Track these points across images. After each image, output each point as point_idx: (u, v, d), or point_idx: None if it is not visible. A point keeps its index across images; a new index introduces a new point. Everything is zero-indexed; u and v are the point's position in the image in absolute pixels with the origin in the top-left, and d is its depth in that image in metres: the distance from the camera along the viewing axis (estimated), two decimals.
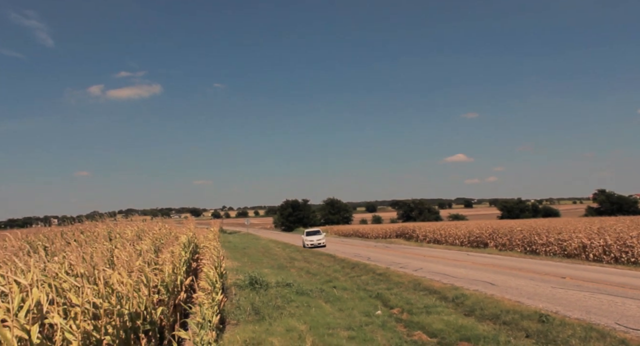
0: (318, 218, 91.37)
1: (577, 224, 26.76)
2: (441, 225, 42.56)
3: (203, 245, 15.08)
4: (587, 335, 7.72)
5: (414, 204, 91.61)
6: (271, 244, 40.02)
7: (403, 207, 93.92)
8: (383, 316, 10.43)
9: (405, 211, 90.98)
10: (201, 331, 5.76)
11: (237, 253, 28.23)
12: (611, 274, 15.26)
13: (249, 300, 11.04)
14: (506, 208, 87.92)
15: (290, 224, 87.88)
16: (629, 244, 19.28)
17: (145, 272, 6.36)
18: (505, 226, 31.07)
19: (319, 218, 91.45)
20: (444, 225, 42.09)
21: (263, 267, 19.50)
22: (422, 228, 41.78)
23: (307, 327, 8.82)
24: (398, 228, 48.32)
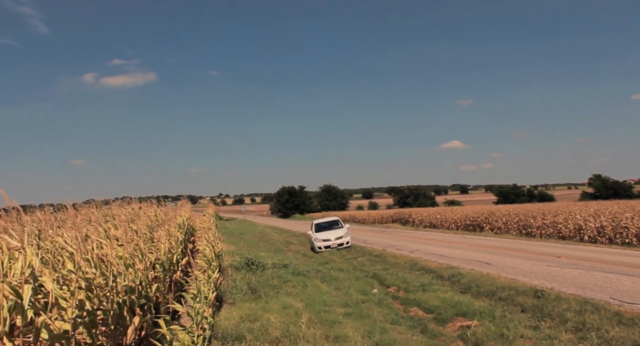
0: (314, 205, 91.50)
1: (572, 207, 26.83)
2: (437, 210, 42.64)
3: (199, 228, 15.06)
4: (582, 308, 7.76)
5: (410, 190, 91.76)
6: (268, 230, 40.02)
7: (399, 193, 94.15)
8: (379, 294, 10.46)
9: (401, 197, 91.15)
10: (196, 304, 5.74)
11: (233, 238, 28.22)
12: (606, 253, 15.34)
13: (245, 280, 11.03)
14: (502, 193, 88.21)
15: (286, 211, 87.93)
16: (624, 225, 19.37)
17: (140, 247, 6.33)
18: (501, 210, 31.15)
19: (316, 205, 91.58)
20: (439, 210, 42.17)
21: (260, 251, 19.51)
22: (418, 213, 41.86)
23: (304, 305, 8.84)
24: (394, 214, 48.43)
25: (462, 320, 8.17)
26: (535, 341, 6.69)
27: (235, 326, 7.03)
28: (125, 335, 5.04)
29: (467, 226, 32.33)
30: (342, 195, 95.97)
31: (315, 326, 7.40)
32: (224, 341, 6.47)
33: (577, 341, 6.61)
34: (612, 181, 77.40)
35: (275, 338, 6.67)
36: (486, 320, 7.86)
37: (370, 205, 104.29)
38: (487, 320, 7.86)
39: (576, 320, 7.36)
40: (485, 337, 7.19)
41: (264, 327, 7.10)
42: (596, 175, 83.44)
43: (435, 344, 7.19)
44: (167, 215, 13.19)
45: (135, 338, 5.31)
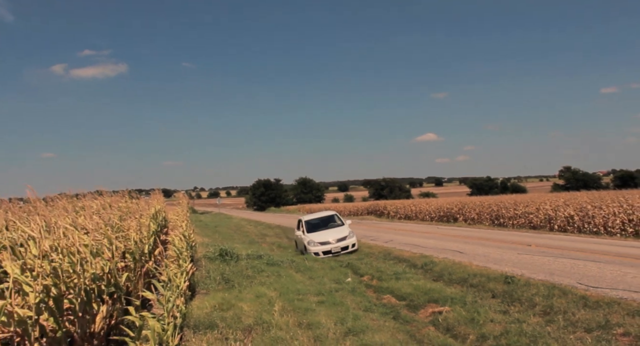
0: (290, 198, 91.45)
1: (543, 198, 27.37)
2: (412, 202, 43.02)
3: (172, 219, 14.90)
4: (550, 293, 7.93)
5: (385, 183, 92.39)
6: (243, 222, 39.84)
7: (374, 186, 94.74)
8: (353, 283, 10.51)
9: (376, 189, 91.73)
10: (167, 291, 5.68)
11: (208, 230, 28.02)
12: (574, 242, 15.71)
13: (219, 270, 10.96)
14: (476, 185, 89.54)
15: (262, 204, 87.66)
16: (591, 215, 19.85)
17: (108, 236, 6.23)
18: (474, 201, 31.59)
19: (291, 198, 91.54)
20: (414, 202, 42.56)
21: (235, 243, 19.42)
22: (393, 205, 42.20)
23: (277, 294, 8.83)
24: (369, 206, 48.73)
25: (434, 306, 8.27)
26: (504, 325, 6.81)
27: (208, 315, 6.98)
28: (94, 323, 4.96)
29: (441, 217, 32.71)
30: (317, 188, 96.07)
31: (288, 314, 7.40)
32: (196, 329, 6.42)
33: (544, 324, 6.75)
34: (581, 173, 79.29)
35: (248, 326, 6.65)
36: (457, 306, 7.97)
37: (346, 198, 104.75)
38: (458, 306, 7.96)
39: (544, 304, 7.52)
40: (457, 322, 7.29)
41: (237, 315, 7.07)
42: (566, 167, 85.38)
43: (407, 330, 7.26)
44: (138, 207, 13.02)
45: (104, 326, 5.23)
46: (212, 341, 5.88)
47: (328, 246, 15.97)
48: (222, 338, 6.10)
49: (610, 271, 9.69)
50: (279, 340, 6.09)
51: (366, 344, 6.10)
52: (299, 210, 70.21)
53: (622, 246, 14.03)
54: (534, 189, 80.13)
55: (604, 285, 8.42)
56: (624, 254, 12.02)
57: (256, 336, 6.31)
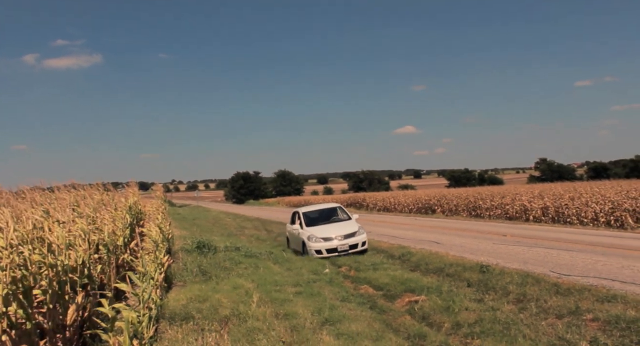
0: (269, 190, 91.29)
1: (519, 189, 27.77)
2: (390, 194, 43.31)
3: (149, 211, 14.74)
4: (523, 281, 8.07)
5: (364, 175, 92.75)
6: (221, 215, 39.64)
7: (353, 178, 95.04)
8: (331, 273, 10.55)
9: (355, 182, 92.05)
10: (142, 283, 5.62)
11: (186, 223, 27.81)
12: (548, 232, 16.00)
13: (196, 262, 10.88)
14: (454, 178, 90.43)
15: (241, 196, 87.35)
16: (565, 205, 20.22)
17: (82, 227, 6.14)
18: (452, 193, 31.94)
19: (271, 190, 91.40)
20: (393, 194, 42.84)
21: (213, 235, 19.31)
22: (372, 197, 42.44)
23: (255, 285, 8.80)
24: (348, 198, 48.89)
25: (410, 296, 8.35)
26: (479, 313, 6.90)
27: (184, 307, 6.93)
28: (66, 315, 4.89)
29: (419, 209, 32.99)
30: (297, 181, 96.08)
31: (265, 305, 7.39)
32: (172, 321, 6.38)
33: (517, 311, 6.87)
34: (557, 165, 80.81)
35: (225, 317, 6.63)
36: (434, 295, 8.05)
37: (325, 190, 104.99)
38: (434, 295, 8.05)
39: (518, 292, 7.65)
40: (432, 311, 7.38)
41: (214, 307, 7.03)
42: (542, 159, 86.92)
43: (383, 319, 7.32)
44: (113, 199, 12.84)
45: (77, 318, 5.16)
46: (188, 333, 5.84)
47: (333, 243, 13.30)
48: (198, 329, 6.06)
49: (582, 259, 9.90)
50: (256, 330, 6.08)
51: (342, 333, 6.13)
52: (278, 202, 70.16)
53: (594, 235, 14.33)
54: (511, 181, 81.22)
55: (576, 273, 8.60)
56: (595, 243, 12.29)
57: (233, 327, 6.29)
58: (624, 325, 5.63)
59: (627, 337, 5.39)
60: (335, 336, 6.03)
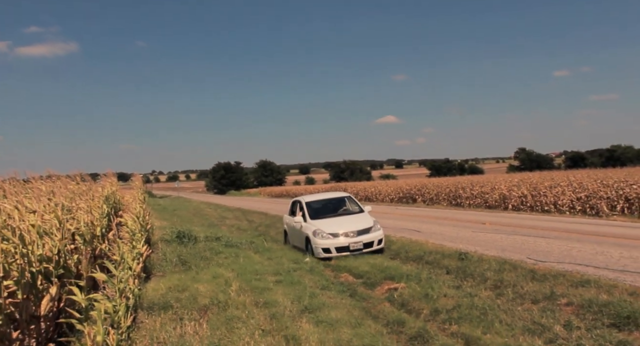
0: (251, 181, 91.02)
1: (498, 179, 28.11)
2: (372, 184, 43.53)
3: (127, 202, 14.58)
4: (501, 267, 8.17)
5: (346, 165, 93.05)
6: (202, 205, 39.43)
7: (335, 168, 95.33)
8: (311, 262, 10.56)
9: (337, 172, 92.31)
10: (119, 272, 5.56)
11: (166, 214, 27.60)
12: (526, 219, 16.24)
13: (176, 252, 10.81)
14: (435, 167, 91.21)
15: (222, 187, 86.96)
16: (542, 193, 20.53)
17: (57, 216, 6.04)
18: (433, 182, 32.17)
19: (252, 181, 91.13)
20: (374, 184, 43.06)
21: (193, 226, 19.20)
22: (354, 187, 42.57)
23: (235, 274, 8.78)
24: (330, 188, 48.92)
25: (390, 283, 8.40)
26: (457, 299, 6.98)
27: (163, 296, 6.89)
28: (39, 305, 4.81)
29: (400, 198, 33.19)
30: (278, 171, 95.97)
31: (245, 293, 7.38)
32: (150, 310, 6.34)
33: (495, 297, 6.97)
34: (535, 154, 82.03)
35: (204, 306, 6.61)
36: (413, 282, 8.11)
37: (307, 180, 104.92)
38: (413, 282, 8.11)
39: (495, 278, 7.75)
40: (411, 298, 7.43)
41: (193, 296, 7.00)
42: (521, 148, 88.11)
43: (363, 306, 7.37)
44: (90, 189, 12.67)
45: (52, 308, 5.09)
46: (166, 322, 5.81)
47: (344, 240, 11.21)
48: (176, 318, 6.04)
49: (558, 246, 10.08)
50: (235, 318, 6.07)
51: (322, 320, 6.15)
52: (259, 193, 70.01)
53: (570, 223, 14.60)
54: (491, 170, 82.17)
55: (552, 259, 8.76)
56: (571, 230, 12.51)
57: (212, 315, 6.28)
58: (597, 308, 5.74)
59: (599, 320, 5.50)
60: (315, 323, 6.05)
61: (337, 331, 5.79)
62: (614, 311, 5.56)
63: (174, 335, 5.31)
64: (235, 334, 5.41)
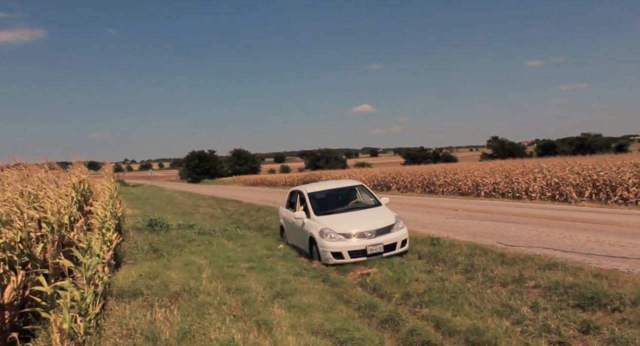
0: (225, 169, 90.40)
1: (471, 166, 28.45)
2: (347, 172, 43.62)
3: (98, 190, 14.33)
4: (472, 252, 8.29)
5: (321, 153, 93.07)
6: (176, 194, 39.04)
7: (310, 157, 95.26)
8: (285, 249, 10.55)
9: (312, 160, 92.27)
10: (87, 259, 5.46)
11: (138, 202, 27.22)
12: (498, 206, 16.51)
13: (147, 240, 10.71)
14: (409, 155, 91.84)
15: (196, 176, 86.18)
16: (514, 180, 20.87)
17: (17, 204, 5.90)
18: (407, 170, 32.42)
19: (227, 169, 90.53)
20: (349, 172, 43.16)
21: (166, 214, 19.00)
22: (329, 175, 42.58)
23: (207, 261, 8.73)
24: (305, 176, 48.93)
25: (362, 269, 8.44)
26: (428, 283, 7.06)
27: (133, 283, 6.81)
28: (3, 294, 4.70)
29: (375, 186, 33.33)
30: (253, 159, 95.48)
31: (217, 280, 7.35)
32: (120, 297, 6.26)
33: (465, 280, 7.07)
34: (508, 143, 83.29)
35: (175, 293, 6.55)
36: (385, 268, 8.17)
37: (282, 169, 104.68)
38: (386, 268, 8.16)
39: (466, 262, 7.85)
40: (383, 283, 7.50)
41: (164, 283, 6.94)
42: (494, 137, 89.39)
43: (335, 291, 7.40)
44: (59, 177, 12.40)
45: (16, 297, 4.97)
46: (136, 309, 5.75)
47: (359, 242, 9.01)
48: (147, 305, 5.98)
49: (528, 231, 10.28)
50: (207, 305, 6.03)
51: (294, 306, 6.17)
52: (234, 181, 69.60)
53: (540, 208, 14.89)
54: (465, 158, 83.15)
55: (521, 244, 8.93)
56: (541, 216, 12.76)
57: (183, 302, 6.23)
58: (563, 290, 5.87)
59: (565, 301, 5.63)
60: (287, 308, 6.06)
61: (309, 315, 5.81)
62: (579, 292, 5.70)
63: (144, 321, 5.25)
64: (207, 320, 5.38)
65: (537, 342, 4.82)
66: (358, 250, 8.96)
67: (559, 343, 4.79)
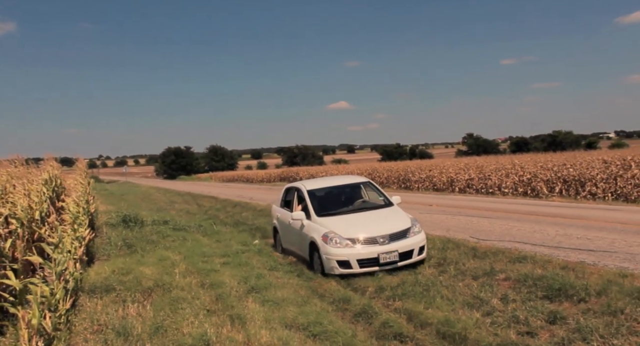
0: (202, 166, 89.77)
1: (446, 163, 28.79)
2: (323, 168, 43.83)
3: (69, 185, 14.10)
4: (444, 246, 8.41)
5: (298, 150, 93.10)
6: (151, 190, 38.58)
7: (288, 153, 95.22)
8: (260, 244, 10.56)
9: (289, 157, 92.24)
10: (57, 255, 5.39)
11: (113, 199, 26.82)
12: (472, 201, 16.77)
13: (121, 236, 10.56)
14: (386, 152, 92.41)
15: (172, 172, 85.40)
16: (488, 176, 21.21)
17: None
18: (383, 166, 32.68)
19: (203, 166, 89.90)
20: (326, 168, 43.36)
21: (141, 210, 18.78)
22: (306, 172, 42.70)
23: (182, 257, 8.68)
24: (282, 173, 48.95)
25: None
26: (401, 277, 7.14)
27: (105, 279, 6.72)
28: None
29: None
30: (230, 156, 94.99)
31: (191, 275, 7.32)
32: (92, 293, 6.19)
33: (438, 274, 7.17)
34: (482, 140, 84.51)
35: (148, 288, 6.50)
36: None
37: (259, 165, 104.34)
38: None
39: (439, 256, 7.97)
40: (357, 277, 7.55)
41: (137, 279, 6.87)
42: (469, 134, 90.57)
43: (310, 286, 7.44)
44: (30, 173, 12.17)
45: None
46: (108, 304, 5.70)
47: (370, 248, 7.68)
48: (119, 300, 5.93)
49: (500, 225, 10.49)
50: (180, 299, 6.02)
51: (268, 300, 6.19)
52: (211, 178, 69.16)
53: (512, 204, 15.17)
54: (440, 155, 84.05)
55: (493, 238, 9.11)
56: (513, 211, 13.02)
57: (156, 297, 6.20)
58: (531, 282, 6.01)
59: (534, 293, 5.77)
60: (261, 303, 6.08)
61: (283, 309, 5.84)
62: (547, 284, 5.84)
63: (116, 317, 5.21)
64: (180, 315, 5.37)
65: (506, 333, 4.92)
66: (369, 258, 7.60)
67: (527, 333, 4.90)
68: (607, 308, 4.98)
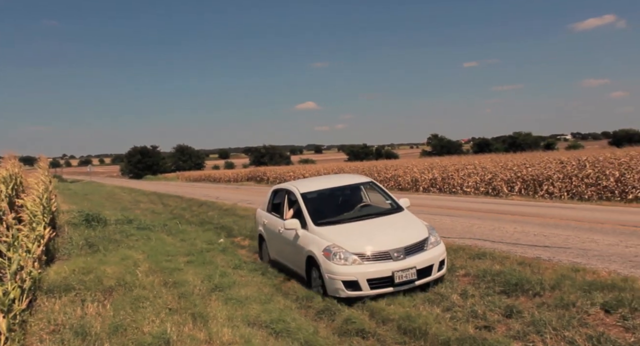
0: (168, 165, 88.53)
1: (411, 163, 29.19)
2: (290, 168, 43.79)
3: (31, 184, 13.74)
4: None
5: (266, 150, 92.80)
6: (116, 190, 37.87)
7: (255, 153, 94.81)
8: (225, 243, 10.53)
9: (257, 157, 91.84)
10: (12, 254, 5.27)
11: (76, 198, 26.23)
12: (434, 200, 17.06)
13: (83, 236, 10.38)
14: (353, 152, 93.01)
15: (139, 171, 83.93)
16: (451, 176, 21.62)
17: None
18: (350, 166, 32.93)
19: (170, 165, 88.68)
20: (293, 168, 43.34)
21: (105, 210, 18.43)
22: (273, 171, 42.63)
23: (145, 256, 8.59)
24: (249, 172, 48.71)
25: None
26: None
27: (65, 279, 6.61)
28: None
29: None
30: (197, 155, 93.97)
31: (154, 274, 7.25)
32: (50, 293, 6.07)
33: None
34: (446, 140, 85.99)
35: (109, 287, 6.42)
36: None
37: (227, 165, 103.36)
38: None
39: None
40: None
41: (98, 278, 6.78)
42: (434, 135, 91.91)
43: (274, 284, 7.47)
44: None
45: None
46: (67, 304, 5.61)
47: (382, 265, 6.32)
48: (78, 300, 5.84)
49: (461, 223, 10.72)
50: (142, 298, 5.96)
51: (232, 298, 6.19)
52: (177, 177, 68.25)
53: (474, 202, 15.52)
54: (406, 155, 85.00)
55: (454, 235, 9.31)
56: (474, 209, 13.32)
57: (117, 296, 6.12)
58: (490, 278, 6.19)
59: (492, 288, 5.95)
60: (224, 301, 6.08)
61: (246, 307, 5.85)
62: (504, 279, 6.02)
63: (74, 316, 5.13)
64: (141, 314, 5.32)
65: (465, 327, 5.05)
66: (382, 277, 6.26)
67: (484, 327, 5.04)
68: (560, 302, 5.17)
